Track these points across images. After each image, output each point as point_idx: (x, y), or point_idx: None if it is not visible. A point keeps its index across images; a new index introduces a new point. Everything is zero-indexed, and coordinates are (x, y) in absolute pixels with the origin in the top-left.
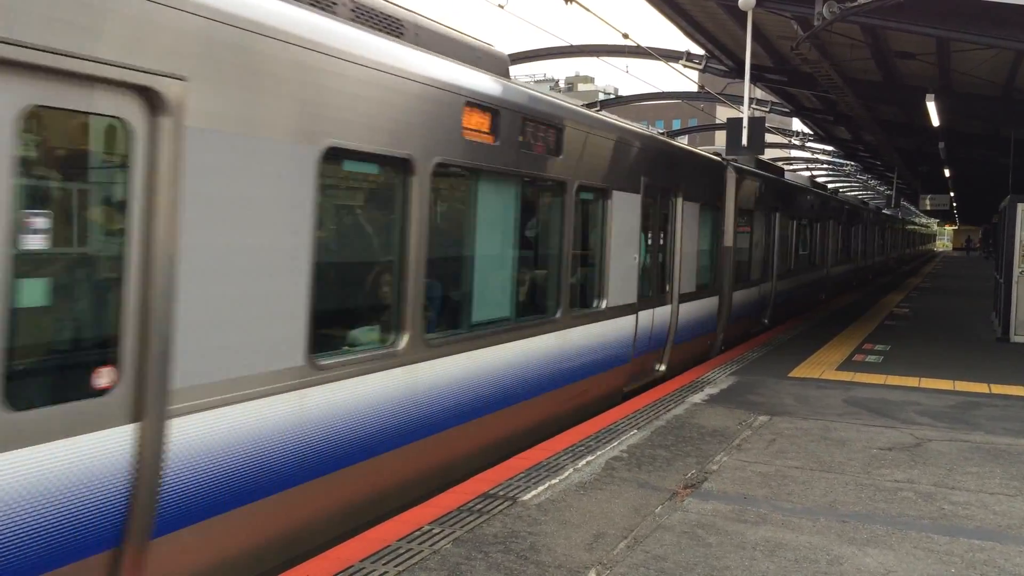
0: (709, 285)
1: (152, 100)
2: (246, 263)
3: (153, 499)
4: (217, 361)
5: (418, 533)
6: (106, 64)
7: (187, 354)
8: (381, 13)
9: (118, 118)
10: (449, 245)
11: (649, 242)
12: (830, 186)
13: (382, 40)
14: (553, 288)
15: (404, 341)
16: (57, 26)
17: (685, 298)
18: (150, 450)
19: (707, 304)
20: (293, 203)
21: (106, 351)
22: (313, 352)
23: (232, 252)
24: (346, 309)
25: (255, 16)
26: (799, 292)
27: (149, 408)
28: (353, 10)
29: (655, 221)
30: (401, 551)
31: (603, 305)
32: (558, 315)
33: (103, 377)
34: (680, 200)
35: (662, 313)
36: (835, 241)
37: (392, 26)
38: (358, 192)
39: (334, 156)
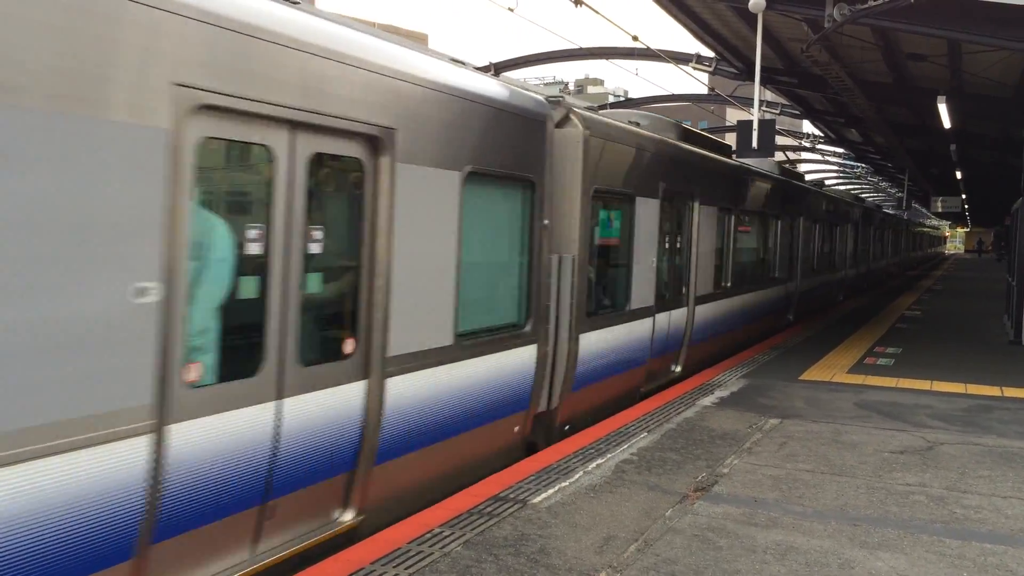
0: (511, 328)
1: None
2: None
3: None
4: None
5: (428, 535)
6: None
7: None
8: None
9: None
10: None
11: (287, 251)
12: (838, 187)
13: None
14: None
15: None
16: None
17: (417, 362)
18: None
19: (497, 366)
20: None
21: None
22: None
23: None
24: None
25: None
26: (742, 318)
27: None
28: None
29: (318, 203)
30: (411, 553)
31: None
32: None
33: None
34: (391, 163)
35: (323, 406)
36: (810, 245)
37: None
38: None
39: None
